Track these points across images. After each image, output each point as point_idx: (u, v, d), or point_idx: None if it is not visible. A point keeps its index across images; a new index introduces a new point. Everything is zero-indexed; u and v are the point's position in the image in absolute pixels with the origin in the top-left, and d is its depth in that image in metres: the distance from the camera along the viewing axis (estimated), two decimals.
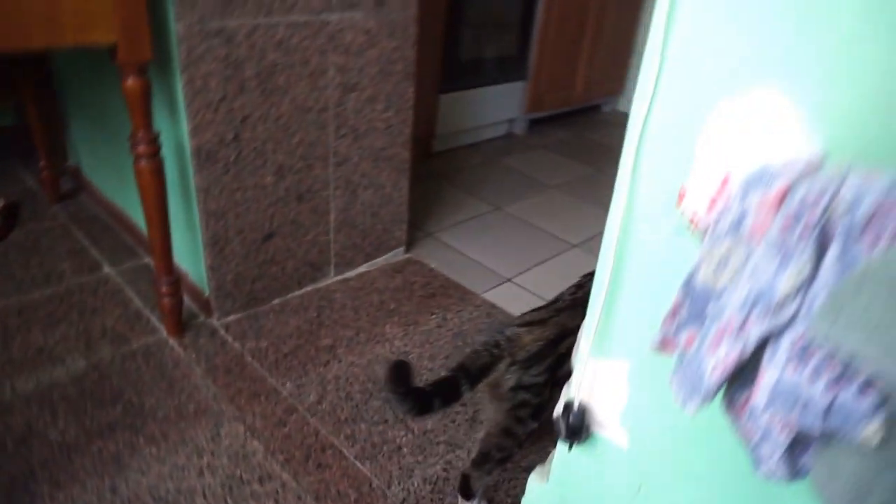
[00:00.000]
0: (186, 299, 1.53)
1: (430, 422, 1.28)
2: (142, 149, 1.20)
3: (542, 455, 1.21)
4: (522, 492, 1.11)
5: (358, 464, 1.17)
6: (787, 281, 0.39)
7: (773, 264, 0.40)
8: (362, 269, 1.78)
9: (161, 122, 1.31)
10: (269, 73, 1.33)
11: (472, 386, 1.06)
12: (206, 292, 1.48)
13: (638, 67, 0.49)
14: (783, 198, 0.41)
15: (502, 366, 1.05)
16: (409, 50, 1.59)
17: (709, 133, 0.48)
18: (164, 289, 1.37)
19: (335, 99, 1.48)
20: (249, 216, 1.45)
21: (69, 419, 1.20)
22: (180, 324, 1.44)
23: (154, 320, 1.48)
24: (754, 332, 0.40)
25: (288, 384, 1.34)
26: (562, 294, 1.22)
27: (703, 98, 0.49)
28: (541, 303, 1.26)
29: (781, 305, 0.39)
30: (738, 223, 0.44)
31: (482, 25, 2.57)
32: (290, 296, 1.63)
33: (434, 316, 1.62)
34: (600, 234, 1.73)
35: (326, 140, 1.51)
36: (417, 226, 2.05)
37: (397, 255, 1.87)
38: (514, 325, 1.12)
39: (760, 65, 0.46)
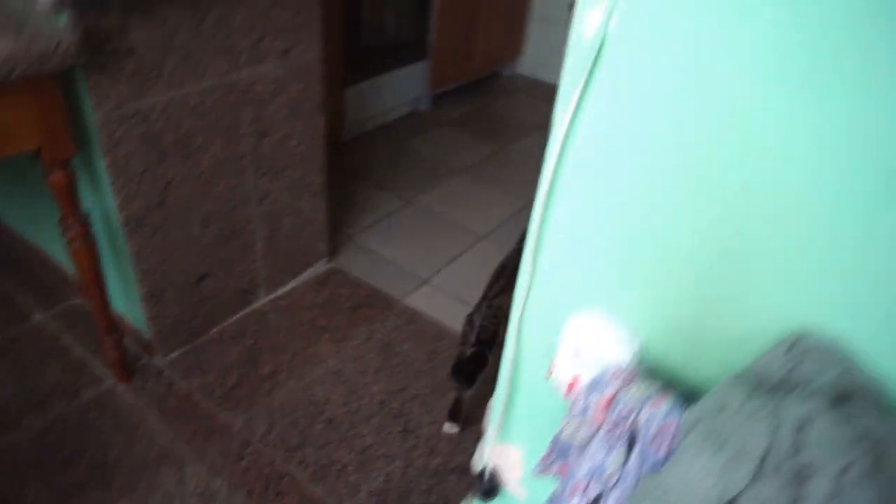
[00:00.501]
0: (127, 341, 1.63)
1: (368, 438, 1.50)
2: (74, 232, 1.26)
3: (466, 456, 1.47)
4: (451, 492, 1.36)
5: (311, 487, 1.38)
6: (611, 463, 0.61)
7: (603, 451, 0.62)
8: (290, 285, 1.92)
9: (87, 196, 1.36)
10: (187, 137, 1.40)
11: (491, 350, 1.43)
12: (147, 336, 1.59)
13: (534, 31, 0.61)
14: (610, 403, 0.63)
15: (502, 328, 1.38)
16: (317, 87, 1.67)
17: (564, 336, 0.69)
18: (107, 345, 1.47)
19: (251, 145, 1.56)
20: (182, 265, 1.54)
21: (39, 484, 1.31)
22: (126, 371, 1.54)
23: (98, 367, 1.57)
24: (593, 492, 0.63)
25: (238, 418, 1.51)
26: (506, 261, 1.58)
27: (559, 309, 0.68)
28: (458, 304, 1.75)
29: (609, 477, 0.62)
30: (584, 410, 0.65)
31: (381, 13, 2.61)
32: (226, 323, 1.76)
33: (361, 329, 1.80)
34: (504, 223, 2.15)
35: (247, 183, 1.60)
36: (336, 229, 2.18)
37: (321, 266, 2.01)
38: (492, 297, 1.50)
39: (595, 294, 0.66)
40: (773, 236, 0.56)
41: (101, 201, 1.36)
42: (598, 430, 0.64)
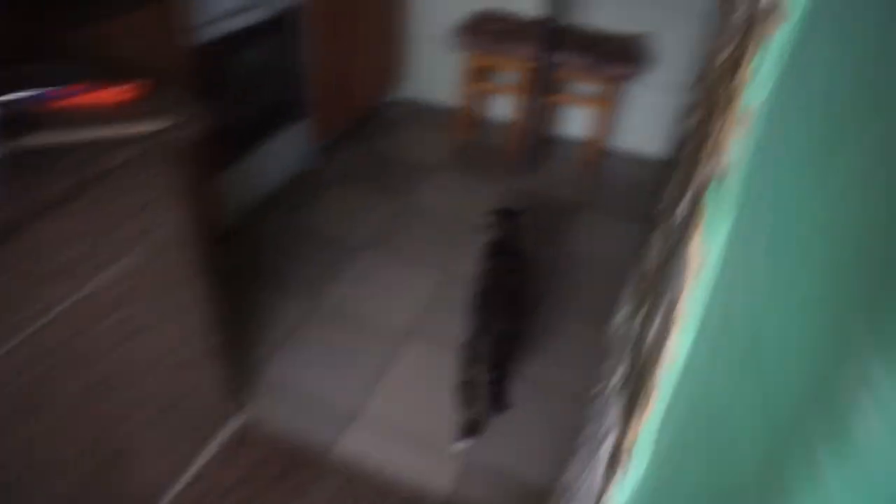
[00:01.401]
0: None
1: None
2: None
3: None
4: None
5: None
6: None
7: None
8: (199, 464, 1.61)
9: None
10: (28, 395, 1.05)
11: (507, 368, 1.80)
12: None
13: (414, 52, 0.43)
14: None
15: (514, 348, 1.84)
16: (189, 249, 1.34)
17: None
18: None
19: (120, 355, 1.23)
20: None
21: None
22: None
23: None
24: None
25: None
26: (482, 290, 1.81)
27: None
28: (398, 440, 1.72)
29: None
30: None
31: (247, 84, 2.23)
32: None
33: None
34: (427, 308, 1.90)
35: (123, 396, 1.27)
36: (239, 369, 1.87)
37: (231, 426, 1.70)
38: (490, 325, 1.71)
39: None
40: None
41: None
42: None
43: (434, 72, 3.35)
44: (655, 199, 2.65)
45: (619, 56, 2.67)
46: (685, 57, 2.81)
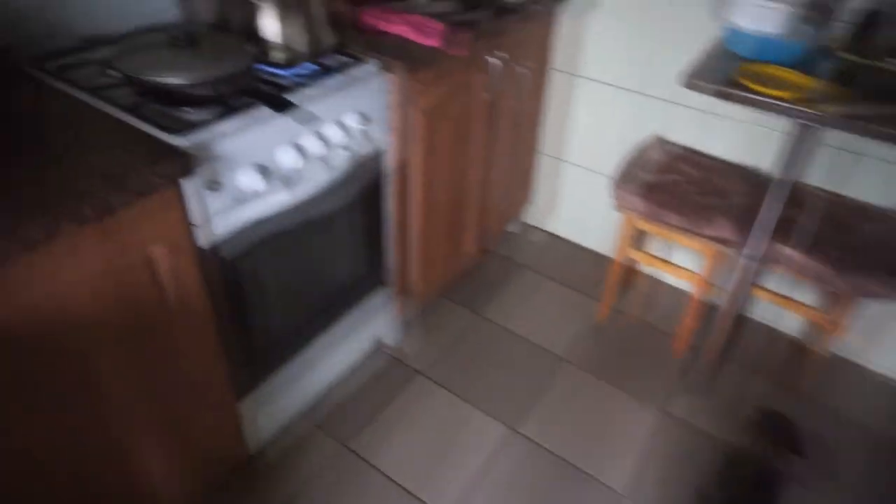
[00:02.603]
0: None
1: None
2: None
3: None
4: None
5: None
6: None
7: None
8: None
9: None
10: None
11: None
12: None
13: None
14: None
15: None
16: None
17: None
18: None
19: None
20: None
21: None
22: None
23: None
24: None
25: None
26: None
27: None
28: None
29: None
30: None
31: (296, 285, 1.49)
32: None
33: None
34: None
35: None
36: None
37: None
38: None
39: None
40: None
41: None
42: None
43: (580, 206, 2.48)
44: None
45: (870, 263, 1.62)
46: None
